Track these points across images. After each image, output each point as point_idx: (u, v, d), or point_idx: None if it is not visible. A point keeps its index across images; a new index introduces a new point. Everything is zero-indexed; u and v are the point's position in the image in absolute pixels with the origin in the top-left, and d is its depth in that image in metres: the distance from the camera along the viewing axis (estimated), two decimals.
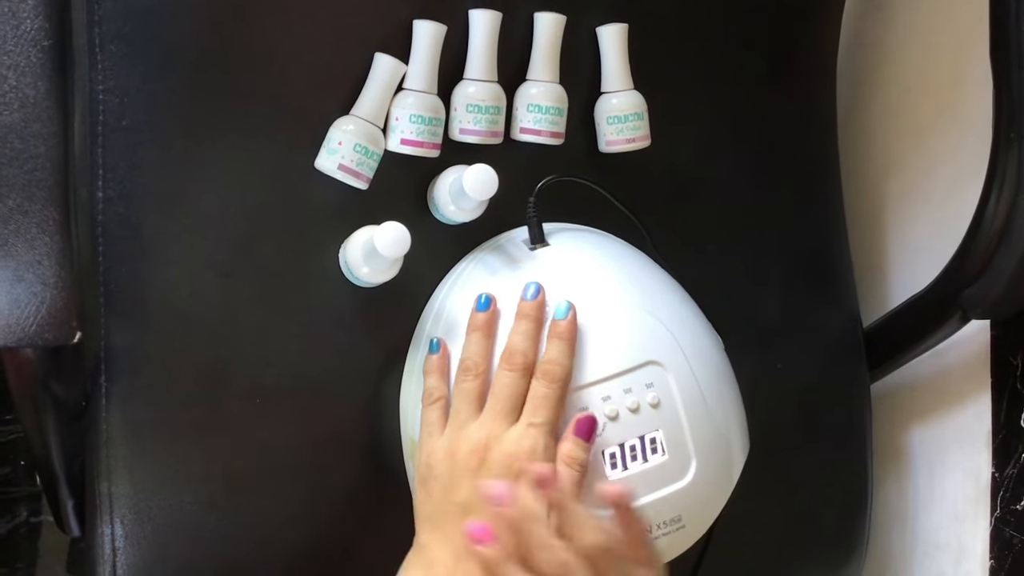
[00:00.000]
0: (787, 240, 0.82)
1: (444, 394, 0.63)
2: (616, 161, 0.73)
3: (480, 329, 0.63)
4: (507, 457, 0.58)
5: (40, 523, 1.10)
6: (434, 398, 0.63)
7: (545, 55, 0.69)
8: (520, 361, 0.61)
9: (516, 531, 0.54)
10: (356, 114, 0.66)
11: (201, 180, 0.65)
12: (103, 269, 0.63)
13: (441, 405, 0.63)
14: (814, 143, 0.84)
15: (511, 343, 0.62)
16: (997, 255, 0.70)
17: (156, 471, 0.64)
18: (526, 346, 0.61)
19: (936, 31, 0.87)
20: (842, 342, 0.84)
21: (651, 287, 0.68)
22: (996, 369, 0.79)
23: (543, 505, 0.55)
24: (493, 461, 0.59)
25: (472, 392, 0.61)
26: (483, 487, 0.55)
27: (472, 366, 0.62)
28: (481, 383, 0.62)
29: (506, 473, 0.58)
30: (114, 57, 0.62)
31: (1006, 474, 0.78)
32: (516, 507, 0.54)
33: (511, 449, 0.59)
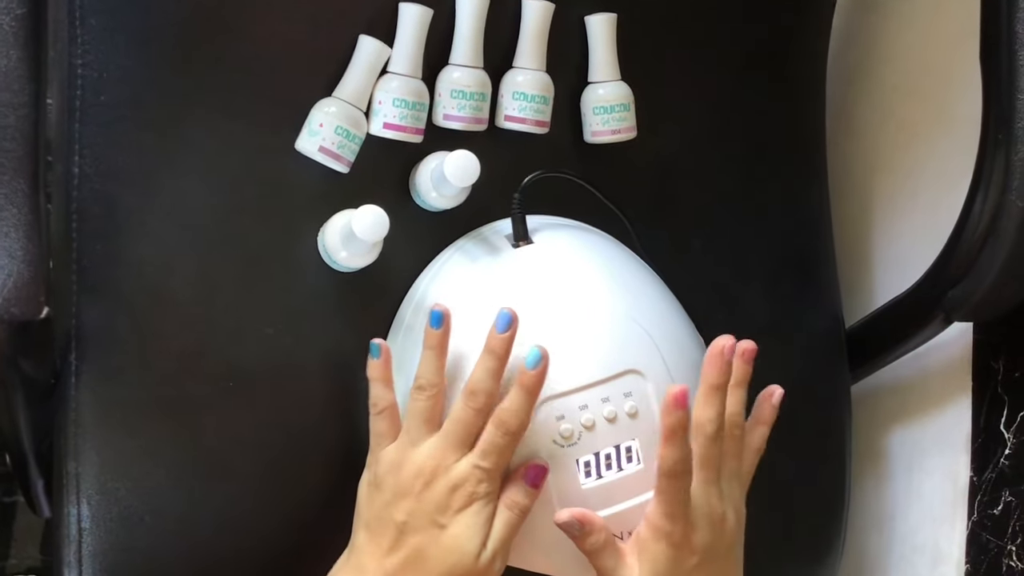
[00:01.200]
0: (772, 237, 0.81)
1: (390, 402, 0.62)
2: (601, 152, 0.73)
3: (434, 347, 0.62)
4: (450, 490, 0.59)
5: (14, 504, 1.10)
6: (379, 408, 0.62)
7: (532, 43, 0.69)
8: (481, 401, 0.60)
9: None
10: (339, 96, 0.65)
11: (180, 158, 0.64)
12: (77, 245, 0.62)
13: (387, 414, 0.62)
14: (802, 140, 0.84)
15: (474, 379, 0.60)
16: (982, 257, 0.70)
17: (125, 451, 0.63)
18: (489, 385, 0.60)
19: (928, 32, 0.86)
20: (824, 342, 0.84)
21: (635, 289, 0.68)
22: (977, 373, 0.79)
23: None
24: (436, 490, 0.59)
25: (425, 412, 0.61)
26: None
27: (427, 385, 0.61)
28: (435, 403, 0.61)
29: (444, 505, 0.59)
30: (94, 31, 0.61)
31: (984, 478, 0.77)
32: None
33: (455, 483, 0.59)
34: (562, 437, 0.62)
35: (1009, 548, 0.74)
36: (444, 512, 0.58)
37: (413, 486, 0.59)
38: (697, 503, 0.61)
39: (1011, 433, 0.74)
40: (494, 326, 0.61)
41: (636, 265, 0.70)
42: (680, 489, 0.60)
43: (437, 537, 0.58)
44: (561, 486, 0.62)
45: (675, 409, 0.60)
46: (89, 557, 0.63)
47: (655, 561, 0.60)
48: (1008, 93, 0.66)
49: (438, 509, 0.58)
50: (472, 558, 0.58)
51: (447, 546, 0.58)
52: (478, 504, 0.59)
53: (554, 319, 0.64)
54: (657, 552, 0.60)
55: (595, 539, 0.61)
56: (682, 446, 0.60)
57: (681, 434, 0.60)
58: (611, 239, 0.72)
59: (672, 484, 0.60)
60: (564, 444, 0.62)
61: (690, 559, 0.60)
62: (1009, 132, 0.66)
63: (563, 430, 0.62)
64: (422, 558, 0.58)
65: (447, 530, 0.58)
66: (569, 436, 0.62)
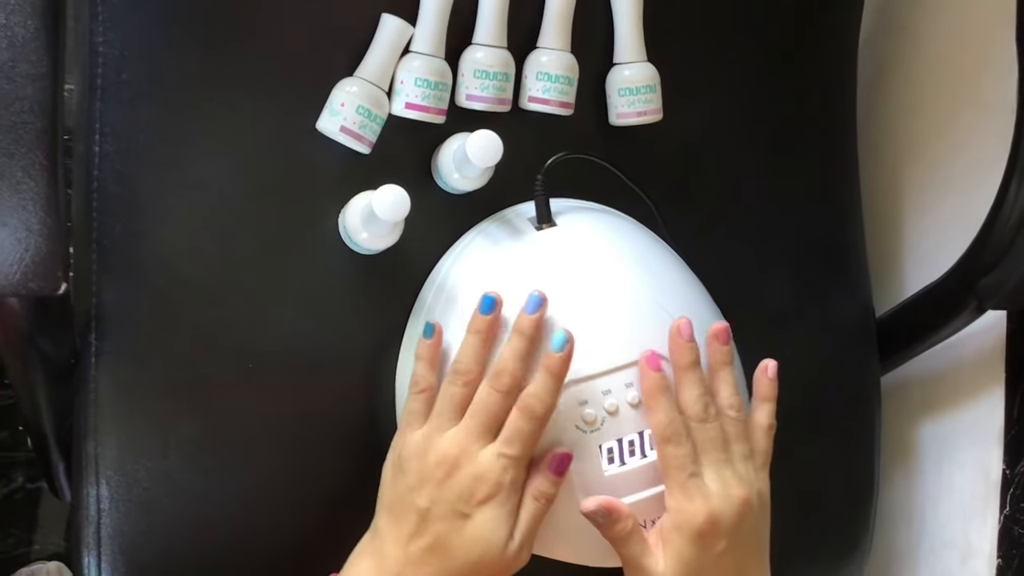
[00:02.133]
0: (800, 224, 0.80)
1: (431, 384, 0.62)
2: (626, 134, 0.72)
3: (480, 332, 0.61)
4: (474, 480, 0.58)
5: (38, 489, 1.10)
6: (420, 387, 0.62)
7: (557, 22, 0.68)
8: (507, 382, 0.59)
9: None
10: (360, 76, 0.64)
11: (200, 137, 0.64)
12: (97, 225, 0.62)
13: (426, 397, 0.62)
14: (832, 125, 0.83)
15: (502, 361, 0.60)
16: (1015, 244, 0.69)
17: (144, 432, 0.63)
18: (515, 366, 0.60)
19: (962, 17, 0.85)
20: (854, 331, 0.83)
21: (659, 273, 0.67)
22: (1011, 363, 0.78)
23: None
24: (459, 478, 0.58)
25: (457, 397, 0.60)
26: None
27: (464, 371, 0.60)
28: (469, 391, 0.60)
29: (469, 494, 0.58)
30: (114, 8, 0.61)
31: (1017, 471, 0.77)
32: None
33: (479, 473, 0.58)
34: (585, 423, 0.61)
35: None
36: (468, 502, 0.58)
37: (435, 473, 0.58)
38: (713, 487, 0.60)
39: None
40: (524, 308, 0.60)
41: (661, 249, 0.70)
42: (682, 456, 0.59)
43: (461, 527, 0.58)
44: (583, 473, 0.61)
45: (649, 371, 0.60)
46: (108, 538, 0.63)
47: (679, 550, 0.59)
48: None
49: (461, 498, 0.58)
50: (499, 550, 0.58)
51: (472, 537, 0.58)
52: (503, 494, 0.58)
53: (577, 303, 0.63)
54: (680, 542, 0.59)
55: (621, 527, 0.60)
56: (667, 410, 0.60)
57: (661, 396, 0.60)
58: (635, 223, 0.71)
59: (671, 451, 0.59)
60: (587, 430, 0.61)
61: (717, 544, 0.59)
62: None
63: (586, 415, 0.61)
64: (445, 547, 0.58)
65: (472, 520, 0.58)
66: (592, 422, 0.61)
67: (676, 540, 0.59)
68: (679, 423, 0.60)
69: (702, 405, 0.61)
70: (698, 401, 0.61)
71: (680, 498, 0.59)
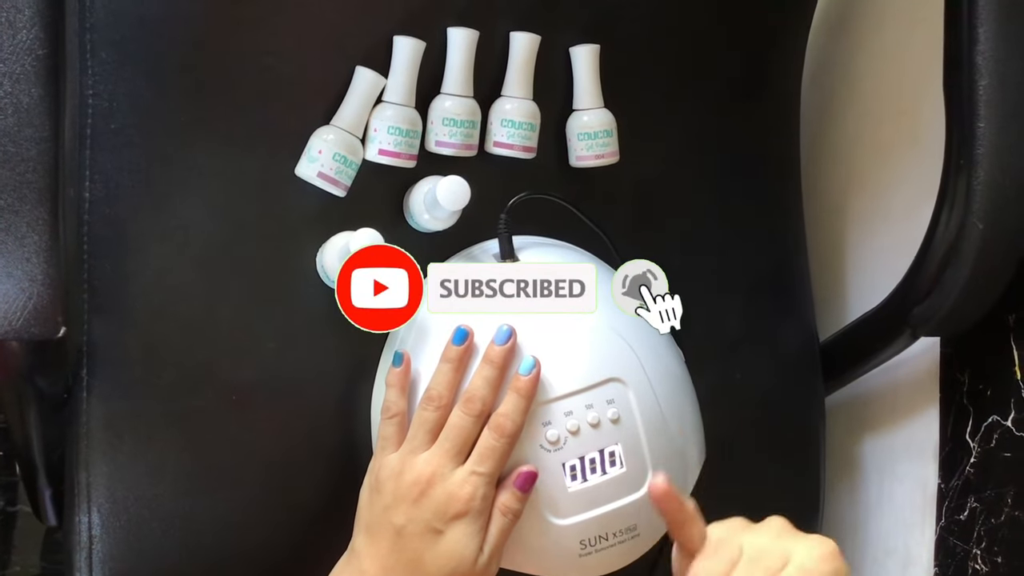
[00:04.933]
0: (749, 256, 0.84)
1: (401, 409, 0.65)
2: (586, 176, 0.76)
3: (452, 362, 0.65)
4: (447, 497, 0.62)
5: (16, 512, 1.12)
6: (391, 412, 0.65)
7: (519, 72, 0.72)
8: (478, 408, 0.63)
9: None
10: (336, 124, 0.68)
11: (185, 183, 0.67)
12: (88, 267, 0.65)
13: (397, 421, 0.65)
14: (778, 163, 0.87)
15: (472, 387, 0.64)
16: (945, 275, 0.73)
17: (133, 462, 0.66)
18: (485, 393, 0.64)
19: (898, 58, 0.90)
20: (799, 355, 0.87)
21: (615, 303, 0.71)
22: (944, 384, 0.82)
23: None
24: (433, 497, 0.62)
25: (430, 422, 0.64)
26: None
27: (437, 397, 0.64)
28: (441, 416, 0.64)
29: (442, 512, 0.61)
30: (104, 63, 0.64)
31: (951, 485, 0.80)
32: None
33: (452, 491, 0.62)
34: (549, 442, 0.65)
35: (975, 552, 0.77)
36: (441, 518, 0.61)
37: (411, 492, 0.62)
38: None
39: (976, 442, 0.78)
40: (494, 339, 0.65)
41: None
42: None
43: (435, 543, 0.61)
44: (548, 489, 0.65)
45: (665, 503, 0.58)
46: (99, 563, 0.66)
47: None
48: (969, 120, 0.69)
49: (435, 516, 0.61)
50: (470, 563, 0.61)
51: (444, 552, 0.61)
52: (475, 511, 0.62)
53: (539, 331, 0.67)
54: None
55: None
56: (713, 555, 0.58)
57: (692, 532, 0.58)
58: (593, 257, 0.75)
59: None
60: (551, 449, 0.65)
61: None
62: (970, 157, 0.69)
63: (550, 435, 0.65)
64: (420, 562, 0.61)
65: (444, 536, 0.61)
66: (556, 441, 0.65)
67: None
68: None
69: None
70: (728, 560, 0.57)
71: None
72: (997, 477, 0.75)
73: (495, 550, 0.63)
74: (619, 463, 0.66)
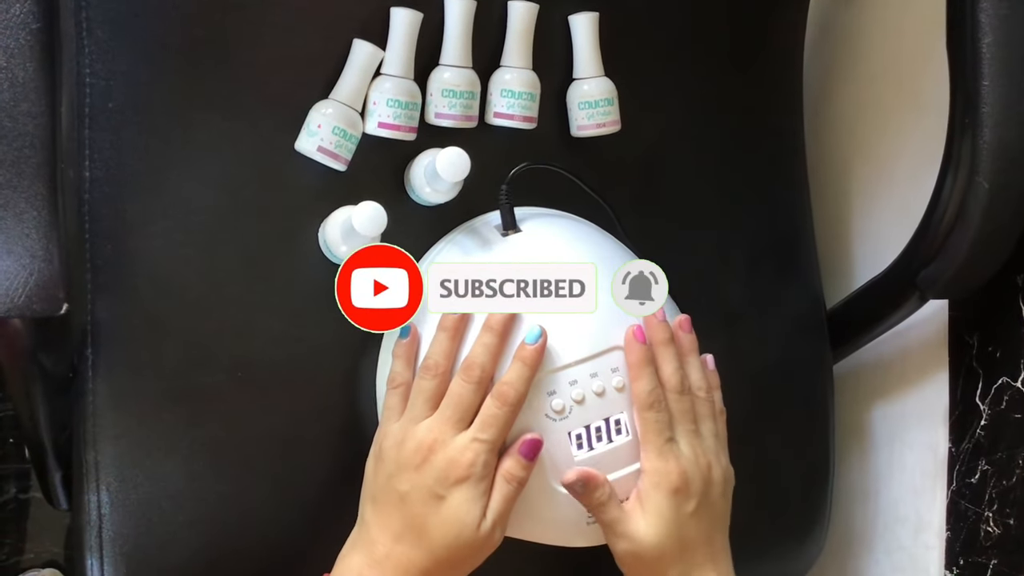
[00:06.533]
0: (754, 223, 0.84)
1: (407, 380, 0.66)
2: (587, 145, 0.75)
3: (448, 330, 0.65)
4: (448, 463, 0.62)
5: (29, 500, 1.12)
6: (396, 383, 0.66)
7: (518, 42, 0.72)
8: (477, 375, 0.63)
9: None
10: (335, 98, 0.68)
11: (185, 160, 0.67)
12: (90, 246, 0.65)
13: (402, 391, 0.66)
14: (781, 129, 0.87)
15: (472, 355, 0.64)
16: (952, 237, 0.72)
17: (141, 440, 0.66)
18: (485, 360, 0.64)
19: (902, 20, 0.89)
20: (806, 323, 0.87)
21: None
22: (953, 348, 0.82)
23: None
24: (435, 463, 0.62)
25: (429, 391, 0.64)
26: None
27: (433, 365, 0.64)
28: (440, 383, 0.64)
29: (444, 477, 0.62)
30: (101, 41, 0.64)
31: (962, 448, 0.80)
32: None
33: (453, 456, 0.62)
34: (554, 411, 0.65)
35: (986, 515, 0.77)
36: (443, 484, 0.61)
37: (413, 459, 0.62)
38: (683, 451, 0.65)
39: (986, 405, 0.78)
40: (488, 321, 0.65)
41: (620, 250, 0.74)
42: (659, 422, 0.65)
43: (437, 508, 0.61)
44: (554, 458, 0.65)
45: (636, 344, 0.66)
46: (109, 541, 0.66)
47: (658, 506, 0.64)
48: (973, 79, 0.68)
49: (437, 481, 0.62)
50: (473, 529, 0.61)
51: (447, 517, 0.61)
52: (476, 476, 0.62)
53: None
54: (658, 498, 0.64)
55: (600, 493, 0.64)
56: (650, 379, 0.65)
57: (645, 367, 0.65)
58: (595, 227, 0.75)
59: (650, 417, 0.65)
60: (556, 418, 0.65)
61: (687, 504, 0.64)
62: (975, 117, 0.69)
63: (555, 404, 0.65)
64: (424, 528, 0.61)
65: (446, 501, 0.61)
66: (561, 410, 0.65)
67: (654, 497, 0.64)
68: (660, 392, 0.65)
69: (678, 379, 0.66)
70: (675, 374, 0.66)
71: (656, 460, 0.64)
72: (1008, 439, 0.75)
73: (499, 517, 0.63)
74: (625, 431, 0.66)
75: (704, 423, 0.67)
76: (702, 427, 0.67)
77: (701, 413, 0.67)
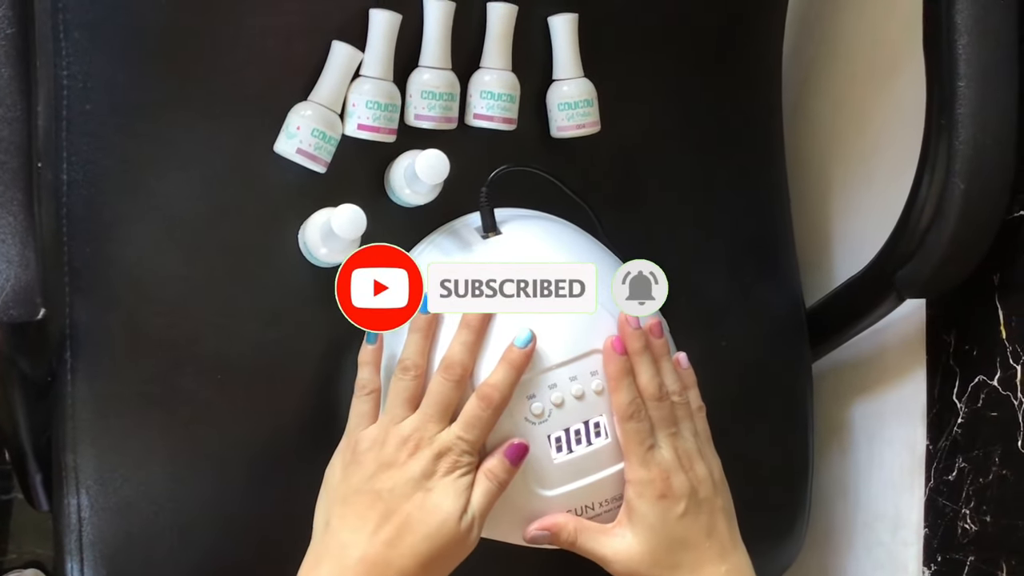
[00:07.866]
0: (733, 222, 0.85)
1: (376, 386, 0.66)
2: (567, 146, 0.76)
3: (420, 331, 0.65)
4: (434, 456, 0.62)
5: (11, 501, 1.12)
6: (367, 390, 0.66)
7: (498, 43, 0.72)
8: (459, 373, 0.64)
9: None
10: (314, 100, 0.68)
11: (164, 163, 0.67)
12: (68, 249, 0.65)
13: (373, 397, 0.65)
14: (759, 130, 0.87)
15: (451, 352, 0.64)
16: (928, 237, 0.73)
17: (120, 443, 0.66)
18: (464, 357, 0.64)
19: (880, 21, 0.89)
20: (785, 322, 0.87)
21: (600, 275, 0.71)
22: (931, 346, 0.83)
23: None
24: (420, 457, 0.62)
25: (407, 391, 0.64)
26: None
27: (411, 366, 0.65)
28: (417, 385, 0.64)
29: (429, 470, 0.62)
30: (77, 44, 0.64)
31: (939, 446, 0.81)
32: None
33: (439, 450, 0.62)
34: (533, 415, 0.65)
35: (963, 512, 0.78)
36: (430, 477, 0.62)
37: (398, 456, 0.62)
38: (666, 456, 0.66)
39: (963, 403, 0.78)
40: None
41: (600, 252, 0.74)
42: (640, 431, 0.65)
43: (423, 501, 0.61)
44: (534, 461, 0.65)
45: (615, 355, 0.66)
46: (89, 544, 0.66)
47: (645, 516, 0.65)
48: (949, 80, 0.69)
49: (424, 474, 0.62)
50: (455, 520, 0.61)
51: (430, 508, 0.61)
52: (460, 471, 0.62)
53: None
54: (644, 508, 0.65)
55: (567, 534, 0.66)
56: (629, 390, 0.65)
57: (624, 379, 0.66)
58: (576, 228, 0.75)
59: (631, 427, 0.65)
60: (536, 421, 0.65)
61: (675, 507, 0.65)
62: (951, 117, 0.69)
63: (534, 408, 0.65)
64: (409, 522, 0.61)
65: (432, 493, 0.62)
66: (540, 414, 0.65)
67: (640, 507, 0.65)
68: (639, 402, 0.66)
69: (656, 385, 0.67)
70: (651, 382, 0.67)
71: (640, 469, 0.65)
72: (984, 436, 0.76)
73: (480, 512, 0.63)
74: (604, 434, 0.66)
75: (683, 424, 0.68)
76: (682, 428, 0.67)
77: (679, 415, 0.68)
